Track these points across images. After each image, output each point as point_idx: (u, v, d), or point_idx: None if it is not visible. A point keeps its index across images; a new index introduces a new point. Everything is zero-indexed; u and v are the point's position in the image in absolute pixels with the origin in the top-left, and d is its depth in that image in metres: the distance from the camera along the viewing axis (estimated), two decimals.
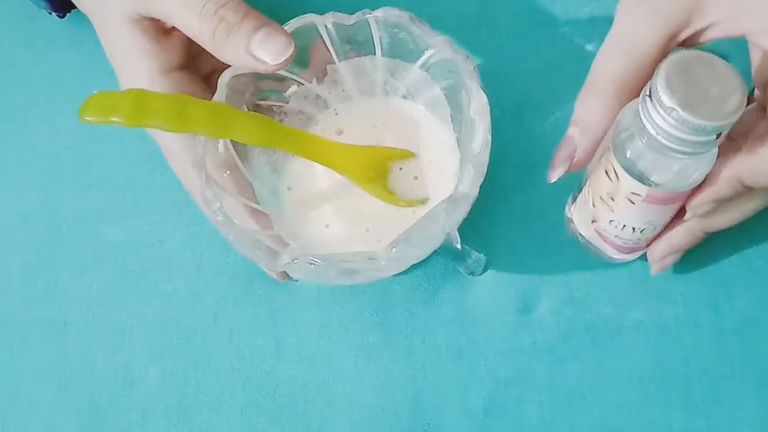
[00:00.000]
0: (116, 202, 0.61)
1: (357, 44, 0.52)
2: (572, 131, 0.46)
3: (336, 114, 0.56)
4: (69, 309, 0.59)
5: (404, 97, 0.56)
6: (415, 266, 0.51)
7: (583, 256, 0.55)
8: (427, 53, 0.50)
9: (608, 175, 0.45)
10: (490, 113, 0.46)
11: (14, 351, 0.59)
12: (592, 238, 0.52)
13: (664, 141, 0.39)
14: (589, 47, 0.60)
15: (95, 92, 0.42)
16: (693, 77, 0.38)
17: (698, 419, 0.53)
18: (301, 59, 0.51)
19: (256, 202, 0.52)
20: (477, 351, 0.55)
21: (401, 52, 0.52)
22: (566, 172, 0.47)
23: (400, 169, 0.54)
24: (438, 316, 0.56)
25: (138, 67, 0.50)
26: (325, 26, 0.50)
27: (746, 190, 0.44)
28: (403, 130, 0.55)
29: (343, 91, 0.56)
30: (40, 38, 0.65)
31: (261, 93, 0.53)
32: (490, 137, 0.45)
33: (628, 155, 0.43)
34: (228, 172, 0.50)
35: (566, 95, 0.57)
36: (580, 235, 0.53)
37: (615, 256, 0.53)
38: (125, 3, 0.49)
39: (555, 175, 0.47)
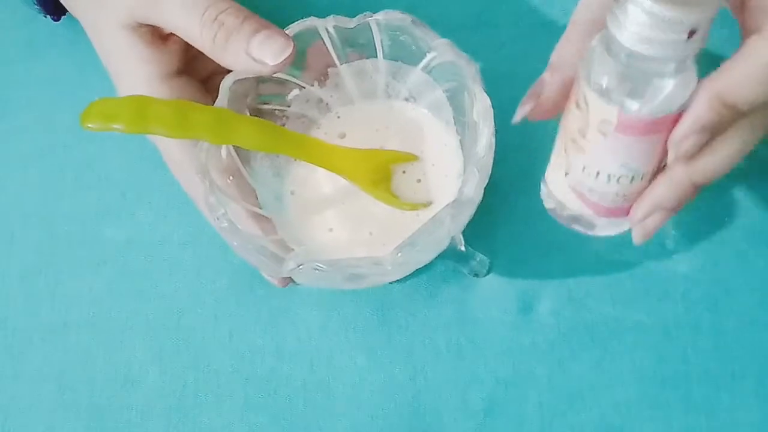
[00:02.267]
0: (116, 202, 0.61)
1: (358, 47, 0.52)
2: (544, 74, 0.45)
3: (338, 117, 0.56)
4: (69, 309, 0.59)
5: (406, 99, 0.56)
6: None
7: (583, 256, 0.56)
8: (429, 56, 0.50)
9: (578, 106, 0.42)
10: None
11: (14, 351, 0.59)
12: (569, 201, 0.47)
13: (630, 44, 0.37)
14: None
15: (96, 99, 0.42)
16: None
17: (698, 419, 0.53)
18: (301, 62, 0.51)
19: (259, 208, 0.52)
20: (477, 351, 0.55)
21: (403, 54, 0.52)
22: (532, 116, 0.45)
23: (404, 172, 0.54)
24: (438, 316, 0.56)
25: (137, 73, 0.50)
26: (327, 29, 0.50)
27: (730, 115, 0.39)
28: (405, 133, 0.55)
29: (344, 93, 0.56)
30: (39, 38, 0.64)
31: (262, 97, 0.53)
32: (494, 140, 0.45)
33: (596, 74, 0.40)
34: (231, 177, 0.50)
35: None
36: (558, 202, 0.48)
37: (597, 226, 0.48)
38: (123, 10, 0.49)
39: (519, 113, 0.45)
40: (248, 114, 0.52)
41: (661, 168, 0.43)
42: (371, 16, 0.49)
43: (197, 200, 0.52)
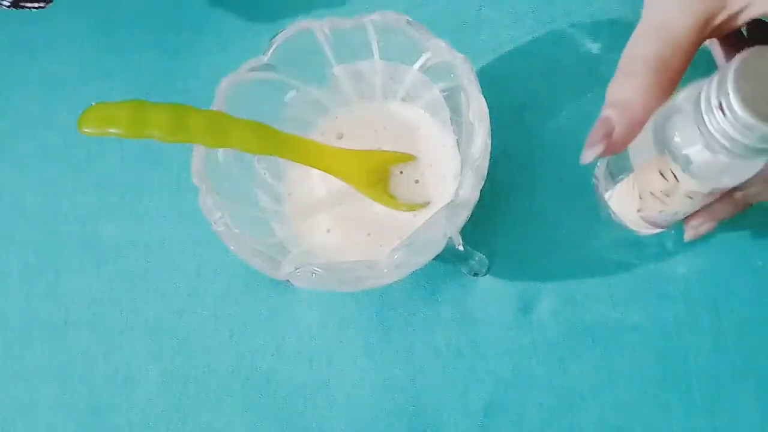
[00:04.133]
0: (116, 202, 0.61)
1: (355, 48, 0.52)
2: (608, 112, 0.43)
3: (336, 118, 0.56)
4: (69, 309, 0.59)
5: (403, 99, 0.55)
6: None
7: (583, 257, 0.55)
8: (425, 56, 0.50)
9: (664, 176, 0.42)
10: (490, 114, 0.46)
11: (14, 351, 0.59)
12: (638, 226, 0.51)
13: (740, 152, 0.36)
14: (590, 47, 0.59)
15: (93, 104, 0.42)
16: (764, 81, 0.35)
17: (698, 419, 0.53)
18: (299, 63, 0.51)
19: (255, 210, 0.52)
20: (477, 351, 0.55)
21: (399, 55, 0.52)
22: (601, 155, 0.44)
23: (401, 172, 0.54)
24: (438, 316, 0.56)
25: None
26: (323, 31, 0.50)
27: None
28: (403, 134, 0.55)
29: (342, 94, 0.56)
30: (39, 38, 0.64)
31: (257, 98, 0.53)
32: (489, 142, 0.45)
33: (693, 165, 0.39)
34: (227, 183, 0.50)
35: (567, 95, 0.57)
36: (612, 211, 0.51)
37: (643, 231, 0.52)
38: None
39: (589, 155, 0.44)
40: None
41: None
42: (367, 17, 0.49)
43: None
